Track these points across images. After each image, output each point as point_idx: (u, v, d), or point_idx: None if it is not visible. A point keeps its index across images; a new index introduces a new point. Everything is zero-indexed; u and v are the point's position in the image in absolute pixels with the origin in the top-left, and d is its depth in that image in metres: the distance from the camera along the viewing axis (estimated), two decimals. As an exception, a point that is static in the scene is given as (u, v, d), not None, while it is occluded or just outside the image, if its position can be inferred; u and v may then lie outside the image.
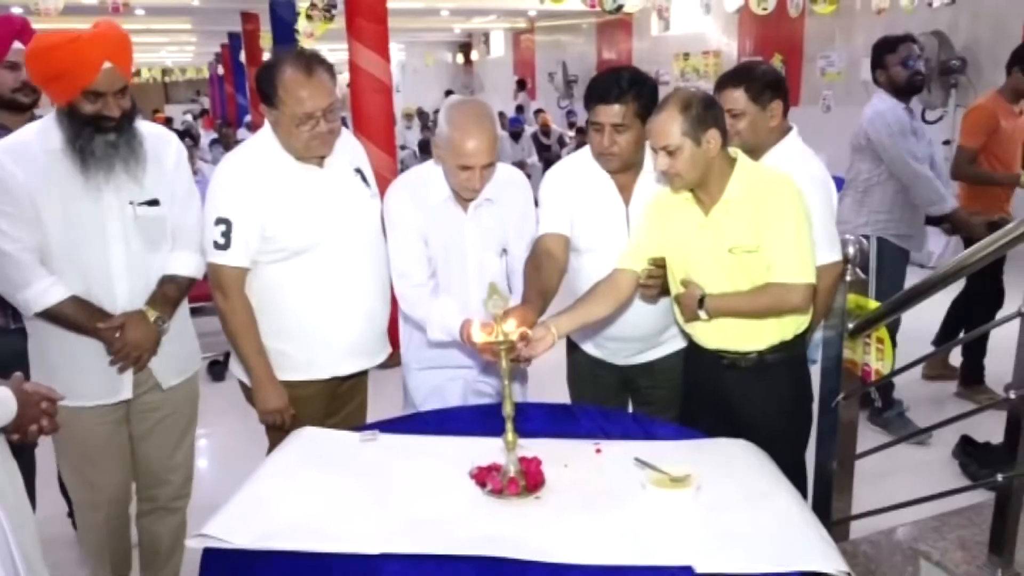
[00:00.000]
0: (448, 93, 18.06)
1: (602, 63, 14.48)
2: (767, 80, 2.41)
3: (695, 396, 2.34)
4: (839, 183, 5.17)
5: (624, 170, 2.35)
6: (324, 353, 2.37)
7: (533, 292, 2.26)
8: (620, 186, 2.38)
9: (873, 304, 2.41)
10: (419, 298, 2.36)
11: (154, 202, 2.26)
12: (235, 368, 2.47)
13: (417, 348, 2.54)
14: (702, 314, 2.12)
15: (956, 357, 4.50)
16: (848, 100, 8.74)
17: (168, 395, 2.42)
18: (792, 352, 2.20)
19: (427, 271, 2.38)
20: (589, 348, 2.57)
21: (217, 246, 2.24)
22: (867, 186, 3.92)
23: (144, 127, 2.27)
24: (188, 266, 2.37)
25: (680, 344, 2.46)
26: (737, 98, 2.38)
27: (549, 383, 2.73)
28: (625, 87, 2.23)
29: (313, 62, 2.20)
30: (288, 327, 2.33)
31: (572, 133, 12.13)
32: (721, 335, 2.18)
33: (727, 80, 2.44)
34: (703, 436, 2.09)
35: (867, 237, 3.83)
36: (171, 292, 2.34)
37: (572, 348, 2.65)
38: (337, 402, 2.51)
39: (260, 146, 2.31)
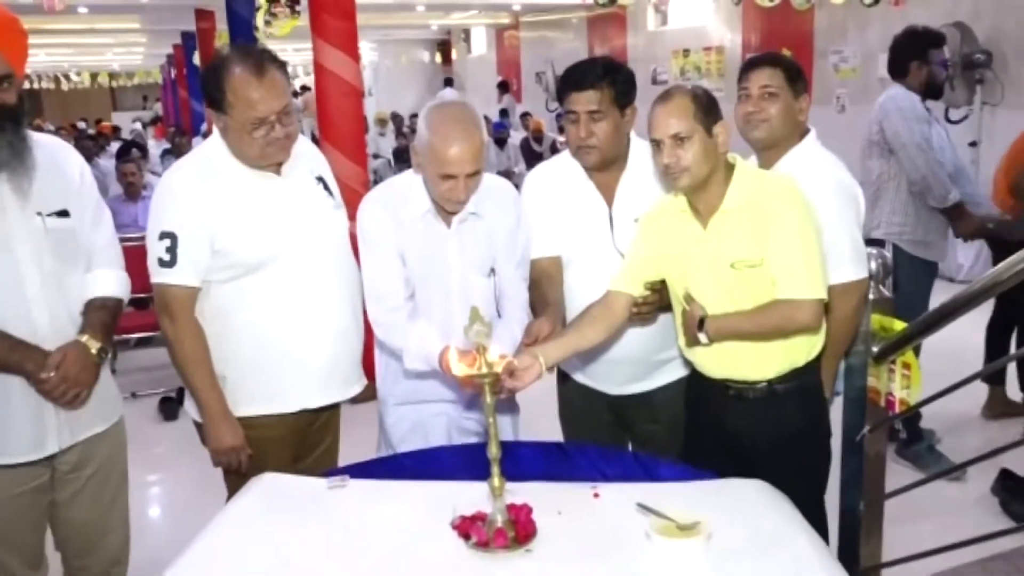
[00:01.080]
0: (448, 82, 18.13)
1: (594, 61, 14.57)
2: (798, 68, 2.49)
3: (698, 431, 2.33)
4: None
5: (605, 167, 2.38)
6: (289, 383, 2.34)
7: (545, 306, 2.35)
8: (601, 185, 2.41)
9: (899, 325, 2.40)
10: (395, 323, 2.33)
11: (64, 213, 2.20)
12: (189, 406, 2.43)
13: (394, 380, 2.51)
14: (702, 337, 2.11)
15: (1014, 388, 4.41)
16: (864, 99, 8.81)
17: (94, 447, 2.33)
18: (805, 380, 2.19)
19: (404, 293, 2.36)
20: (579, 377, 2.57)
21: (162, 263, 2.21)
22: (879, 185, 3.92)
23: (38, 136, 2.22)
24: (112, 285, 2.31)
25: (680, 372, 2.46)
26: (774, 75, 2.41)
27: (542, 417, 2.70)
28: (600, 72, 2.30)
29: (264, 60, 2.19)
30: (246, 354, 2.30)
31: (563, 139, 12.16)
32: (725, 362, 2.17)
33: (760, 60, 2.49)
34: (713, 476, 2.07)
35: (881, 244, 3.84)
36: (105, 318, 2.28)
37: (563, 378, 2.64)
38: (306, 443, 2.48)
39: (209, 153, 2.29)
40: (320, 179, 2.41)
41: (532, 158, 10.49)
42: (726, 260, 2.08)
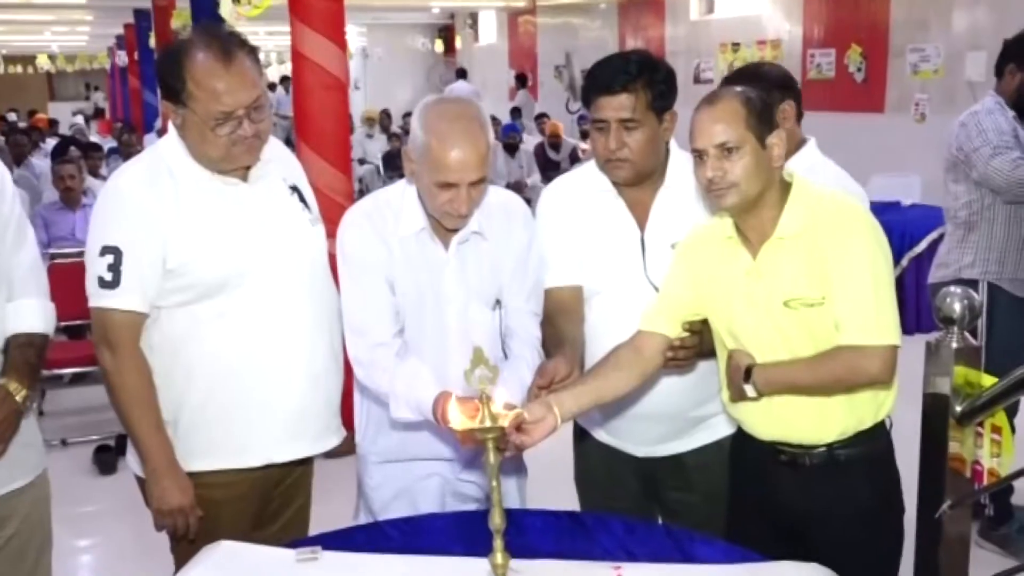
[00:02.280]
0: (460, 74, 18.21)
1: (626, 54, 14.68)
2: (773, 77, 2.61)
3: (744, 503, 2.32)
4: (938, 215, 5.23)
5: (638, 182, 2.39)
6: (252, 432, 2.34)
7: (560, 345, 2.34)
8: (633, 204, 2.42)
9: (989, 380, 2.41)
10: (380, 362, 2.31)
11: None
12: (131, 457, 2.43)
13: (376, 432, 2.51)
14: (749, 390, 2.10)
15: None
16: (949, 107, 8.85)
17: (12, 506, 2.32)
18: (873, 445, 2.18)
19: (393, 327, 2.36)
20: (600, 434, 2.57)
21: (102, 283, 2.21)
22: (969, 215, 3.94)
23: None
24: (38, 318, 2.33)
25: (723, 431, 2.46)
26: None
27: (555, 481, 2.70)
28: (634, 72, 2.29)
29: (232, 44, 2.22)
30: (201, 395, 2.31)
31: (586, 145, 12.24)
32: (776, 420, 2.16)
33: (732, 79, 2.61)
34: (759, 558, 2.06)
35: (974, 284, 3.84)
36: (31, 358, 2.29)
37: (581, 435, 2.64)
38: (271, 506, 2.48)
39: (163, 155, 2.31)
40: (294, 188, 2.43)
41: (548, 168, 10.56)
42: (779, 297, 2.08)
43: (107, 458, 5.03)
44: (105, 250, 2.21)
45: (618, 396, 2.27)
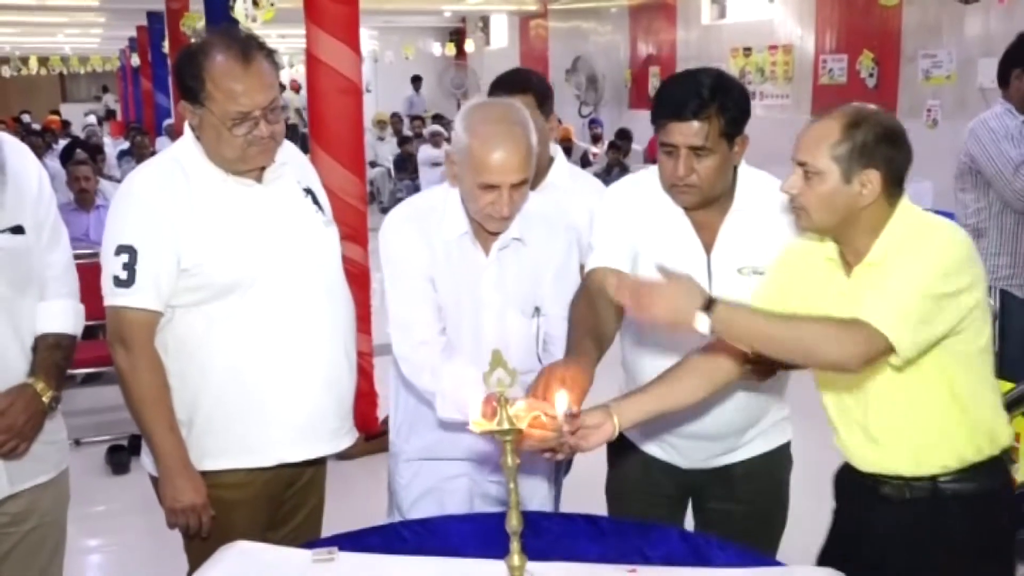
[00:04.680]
0: (415, 80, 18.16)
1: (637, 58, 14.71)
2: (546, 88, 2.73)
3: (841, 537, 2.22)
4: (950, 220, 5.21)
5: (703, 206, 2.31)
6: (266, 432, 2.35)
7: (584, 335, 2.20)
8: (699, 225, 2.33)
9: (1006, 386, 2.40)
10: (425, 361, 2.33)
11: (18, 229, 2.24)
12: (145, 457, 2.44)
13: (409, 431, 2.53)
14: (703, 321, 1.87)
15: None
16: (961, 113, 8.83)
17: (34, 501, 2.35)
18: (986, 481, 2.03)
19: (437, 325, 2.38)
20: (649, 447, 2.51)
21: (117, 282, 2.23)
22: (978, 222, 3.95)
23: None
24: (68, 319, 2.36)
25: (774, 441, 2.45)
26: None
27: (590, 489, 2.66)
28: (707, 97, 2.17)
29: (250, 46, 2.24)
30: (215, 395, 2.32)
31: (596, 149, 12.25)
32: (879, 450, 2.05)
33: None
34: (774, 563, 2.07)
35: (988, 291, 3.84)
36: (59, 359, 2.32)
37: (619, 444, 2.42)
38: (284, 507, 2.49)
39: (178, 156, 2.32)
40: (308, 191, 2.45)
41: (559, 172, 10.55)
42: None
43: (120, 458, 5.07)
44: (120, 249, 2.23)
45: (685, 405, 2.19)
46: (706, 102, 2.17)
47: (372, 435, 5.02)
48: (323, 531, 2.56)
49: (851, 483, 2.15)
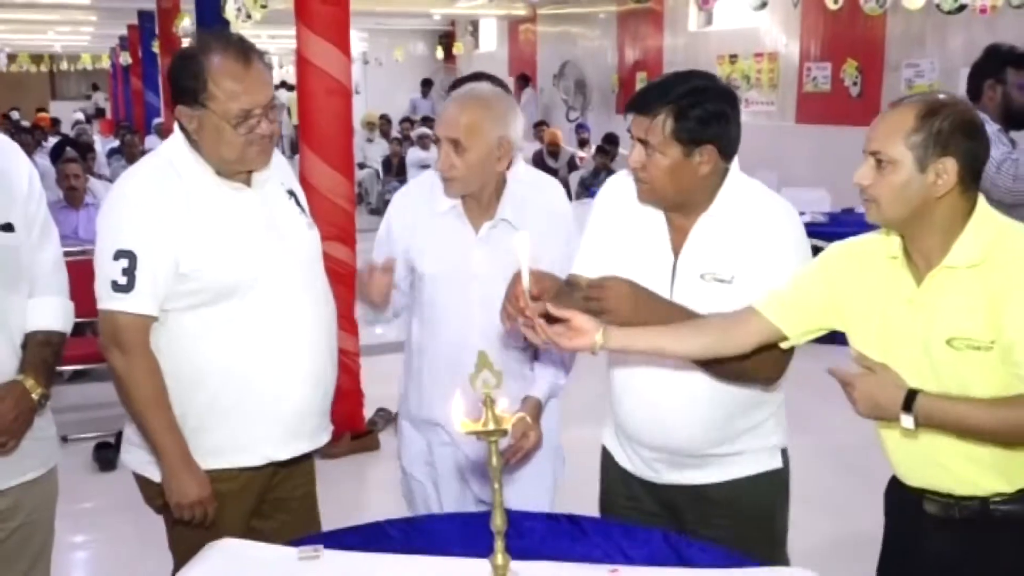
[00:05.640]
0: (425, 84, 18.43)
1: (624, 63, 14.73)
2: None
3: (892, 554, 2.16)
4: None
5: (667, 207, 2.27)
6: (256, 432, 2.36)
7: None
8: (675, 228, 2.29)
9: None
10: None
11: (8, 227, 2.24)
12: (128, 455, 2.46)
13: (407, 392, 2.73)
14: (907, 420, 1.85)
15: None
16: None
17: (21, 498, 2.35)
18: None
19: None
20: (620, 458, 2.46)
21: (116, 287, 2.22)
22: None
23: None
24: (58, 317, 2.37)
25: (756, 466, 2.32)
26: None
27: (585, 494, 2.65)
28: (666, 96, 2.13)
29: (247, 48, 2.28)
30: (208, 397, 2.33)
31: (583, 153, 12.26)
32: (928, 465, 1.97)
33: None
34: (754, 564, 2.07)
35: None
36: (48, 356, 2.33)
37: (604, 460, 2.53)
38: (271, 495, 2.51)
39: (169, 158, 2.33)
40: (291, 193, 2.47)
41: (546, 173, 10.56)
42: (943, 334, 1.87)
43: (107, 455, 5.04)
44: (120, 254, 2.22)
45: (678, 354, 2.13)
46: (661, 101, 2.13)
47: (358, 434, 5.02)
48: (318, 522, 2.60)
49: (897, 498, 2.09)
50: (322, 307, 2.45)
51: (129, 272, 2.21)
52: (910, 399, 1.84)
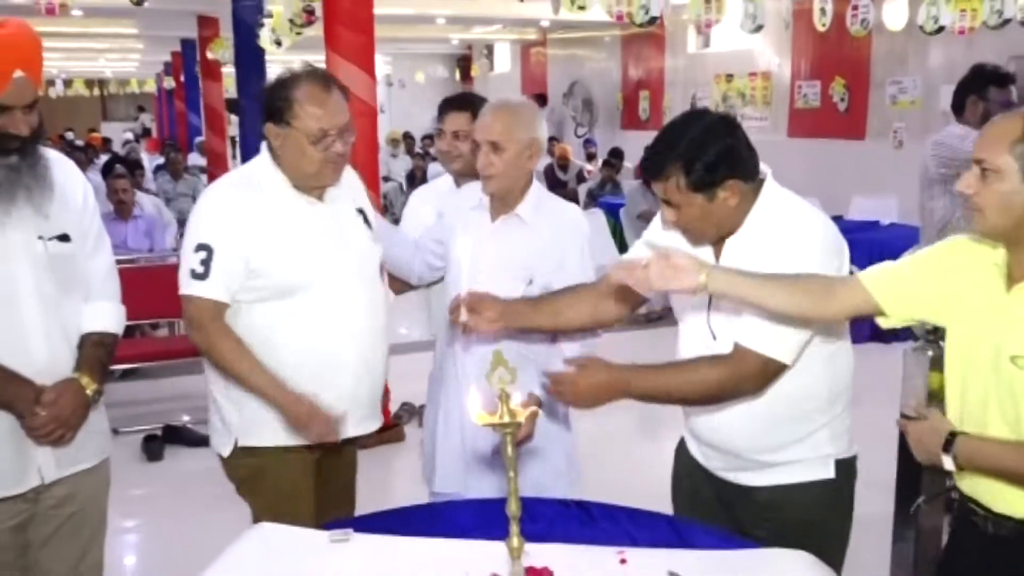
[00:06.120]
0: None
1: (629, 83, 14.71)
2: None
3: (953, 555, 2.07)
4: (915, 235, 5.22)
5: (709, 243, 2.19)
6: None
7: (555, 296, 2.42)
8: (716, 247, 2.21)
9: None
10: None
11: (64, 237, 2.28)
12: (215, 438, 2.53)
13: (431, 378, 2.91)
14: (947, 461, 1.80)
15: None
16: (925, 134, 8.75)
17: (77, 486, 2.37)
18: None
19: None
20: (692, 447, 2.39)
21: (194, 275, 2.36)
22: (942, 222, 3.97)
23: (48, 152, 2.31)
24: (111, 320, 2.41)
25: (805, 474, 2.19)
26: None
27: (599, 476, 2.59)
28: (669, 160, 2.06)
29: (330, 80, 2.46)
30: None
31: (591, 167, 12.25)
32: (974, 478, 1.87)
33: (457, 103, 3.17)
34: (753, 545, 2.06)
35: None
36: (102, 356, 2.36)
37: (679, 448, 2.47)
38: (321, 475, 2.57)
39: (255, 171, 2.49)
40: (360, 211, 2.59)
41: (556, 187, 10.55)
42: (1012, 349, 1.75)
43: (154, 447, 5.05)
44: (199, 247, 2.36)
45: (774, 309, 1.97)
46: (667, 162, 2.06)
47: (385, 427, 5.02)
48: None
49: (960, 504, 1.98)
50: (376, 310, 2.53)
51: (206, 263, 2.34)
52: (949, 441, 1.79)
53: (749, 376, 2.06)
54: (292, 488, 2.46)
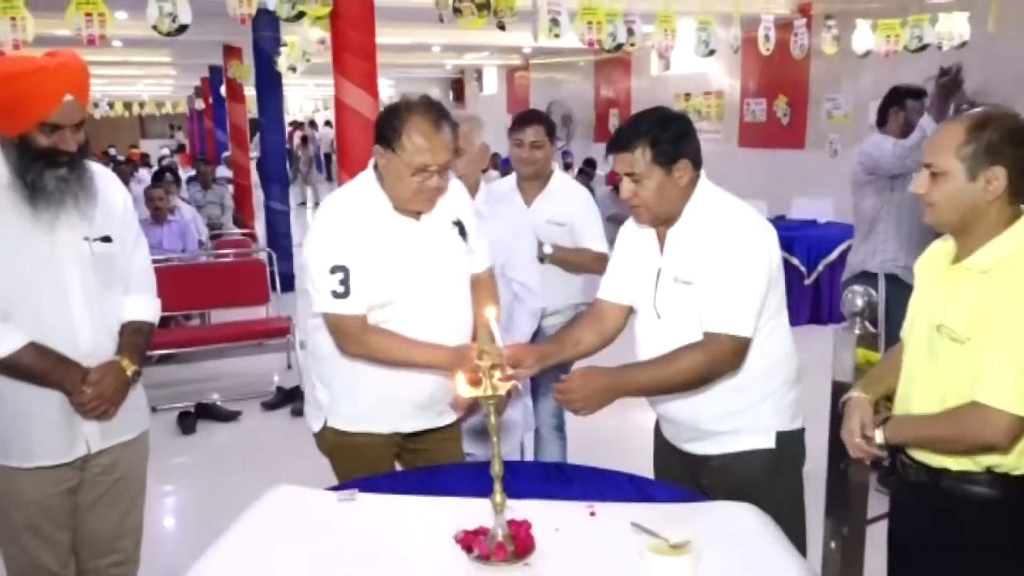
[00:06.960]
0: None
1: (600, 101, 14.70)
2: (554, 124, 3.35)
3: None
4: (848, 231, 5.24)
5: (661, 224, 2.19)
6: (390, 408, 2.40)
7: (565, 335, 2.42)
8: (660, 239, 2.22)
9: (877, 359, 2.42)
10: None
11: (107, 239, 2.28)
12: (309, 412, 2.51)
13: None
14: (878, 434, 1.84)
15: None
16: (856, 144, 8.78)
17: (119, 456, 2.39)
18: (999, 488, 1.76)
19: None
20: (661, 423, 2.38)
21: (336, 295, 2.26)
22: (872, 218, 3.99)
23: (92, 165, 2.30)
24: (148, 311, 2.41)
25: (748, 443, 2.18)
26: (538, 130, 3.39)
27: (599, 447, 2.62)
28: (639, 132, 2.09)
29: (443, 116, 2.25)
30: (354, 377, 2.37)
31: (568, 175, 12.21)
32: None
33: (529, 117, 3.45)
34: (701, 498, 2.08)
35: (874, 276, 3.90)
36: (140, 341, 2.37)
37: (656, 427, 2.43)
38: (405, 449, 2.53)
39: (363, 189, 2.34)
40: (457, 223, 2.43)
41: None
42: (936, 319, 1.77)
43: (188, 422, 5.04)
44: (335, 269, 2.25)
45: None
46: (636, 137, 2.09)
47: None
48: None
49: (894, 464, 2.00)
50: (461, 317, 2.42)
51: (345, 283, 2.25)
52: (884, 420, 1.87)
53: (724, 356, 2.07)
54: (371, 465, 2.37)
